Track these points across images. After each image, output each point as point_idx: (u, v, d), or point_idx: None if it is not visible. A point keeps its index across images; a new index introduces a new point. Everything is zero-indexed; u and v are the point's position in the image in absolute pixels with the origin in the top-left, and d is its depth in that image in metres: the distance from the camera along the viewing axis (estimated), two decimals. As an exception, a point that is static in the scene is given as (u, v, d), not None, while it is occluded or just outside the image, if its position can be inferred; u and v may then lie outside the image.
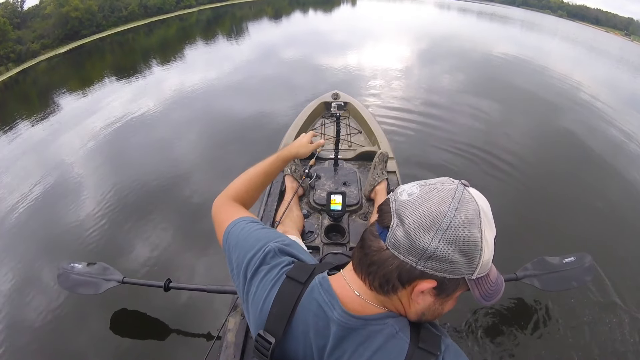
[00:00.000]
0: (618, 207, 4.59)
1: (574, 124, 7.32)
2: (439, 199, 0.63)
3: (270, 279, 0.81)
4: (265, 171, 1.23)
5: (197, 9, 35.23)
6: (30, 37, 24.12)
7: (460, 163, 5.23)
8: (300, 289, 0.77)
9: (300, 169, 3.14)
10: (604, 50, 24.90)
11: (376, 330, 0.70)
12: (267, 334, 0.75)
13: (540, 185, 4.89)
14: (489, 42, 18.07)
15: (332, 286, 0.76)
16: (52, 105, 9.77)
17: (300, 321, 0.75)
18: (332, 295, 0.74)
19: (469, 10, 40.00)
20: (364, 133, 4.14)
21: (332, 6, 35.11)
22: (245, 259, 0.87)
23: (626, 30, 63.13)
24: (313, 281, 0.78)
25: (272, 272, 0.82)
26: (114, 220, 4.26)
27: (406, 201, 0.65)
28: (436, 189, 0.65)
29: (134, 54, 18.26)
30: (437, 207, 0.62)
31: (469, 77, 10.25)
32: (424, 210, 0.62)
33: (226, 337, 2.03)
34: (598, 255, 3.32)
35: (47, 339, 2.97)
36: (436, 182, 0.67)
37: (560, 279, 2.65)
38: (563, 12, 73.40)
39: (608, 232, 4.03)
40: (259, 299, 0.80)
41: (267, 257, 0.85)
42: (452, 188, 0.65)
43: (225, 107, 7.53)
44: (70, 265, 2.78)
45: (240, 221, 0.98)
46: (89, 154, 6.10)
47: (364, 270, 0.71)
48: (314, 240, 2.61)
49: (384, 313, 0.72)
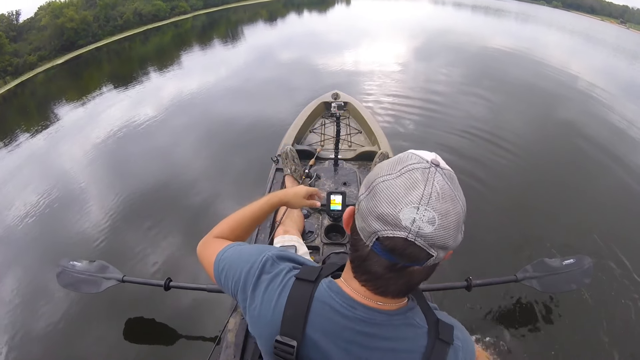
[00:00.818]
0: (618, 206, 4.58)
1: (573, 117, 7.35)
2: (451, 203, 0.61)
3: (276, 287, 0.78)
4: (252, 215, 1.20)
5: (192, 15, 35.24)
6: (26, 49, 24.18)
7: (458, 162, 5.18)
8: (311, 288, 0.76)
9: (300, 169, 3.16)
10: (600, 39, 24.90)
11: (400, 324, 0.72)
12: (286, 338, 0.73)
13: (540, 185, 4.88)
14: (485, 35, 18.01)
15: (342, 288, 0.75)
16: (51, 116, 9.80)
17: (316, 327, 0.73)
18: (345, 297, 0.73)
19: (464, 5, 39.94)
20: (364, 133, 4.15)
21: (326, 6, 35.08)
22: (243, 274, 0.84)
23: (622, 18, 63.07)
24: (320, 285, 0.76)
25: (277, 280, 0.79)
26: (114, 221, 4.31)
27: (437, 231, 0.60)
28: (437, 193, 0.60)
29: (131, 62, 18.27)
30: (457, 210, 0.61)
31: (466, 71, 10.24)
32: (453, 223, 0.61)
33: (226, 338, 2.04)
34: (597, 257, 3.34)
35: (46, 337, 2.98)
36: (421, 182, 0.60)
37: (560, 280, 2.66)
38: (558, 3, 73.18)
39: (608, 234, 3.99)
40: (267, 308, 0.77)
41: (266, 266, 0.83)
42: (444, 185, 0.61)
43: (223, 112, 7.53)
44: (70, 263, 2.76)
45: (229, 247, 0.96)
46: (89, 162, 6.12)
47: (387, 291, 0.71)
48: (314, 240, 2.62)
49: (404, 308, 0.74)
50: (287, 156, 3.16)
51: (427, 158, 0.62)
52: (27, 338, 3.00)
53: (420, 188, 0.59)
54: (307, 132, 4.19)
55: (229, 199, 4.60)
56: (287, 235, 2.26)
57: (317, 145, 3.86)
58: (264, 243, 2.54)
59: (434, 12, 33.60)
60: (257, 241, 2.69)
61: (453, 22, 24.27)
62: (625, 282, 3.36)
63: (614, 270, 3.46)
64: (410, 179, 0.60)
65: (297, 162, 3.18)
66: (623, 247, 3.75)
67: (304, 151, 3.58)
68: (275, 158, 3.53)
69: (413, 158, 0.63)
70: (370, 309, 0.72)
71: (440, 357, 0.70)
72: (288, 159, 3.15)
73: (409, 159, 0.63)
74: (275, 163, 3.51)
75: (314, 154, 3.54)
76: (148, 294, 3.02)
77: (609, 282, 3.33)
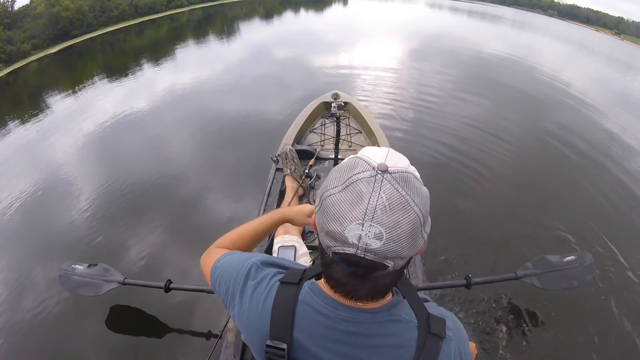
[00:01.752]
0: (618, 205, 4.62)
1: (573, 116, 7.54)
2: (402, 212, 0.58)
3: (261, 292, 0.78)
4: (255, 229, 1.20)
5: (188, 9, 35.05)
6: (20, 37, 23.84)
7: (457, 158, 5.26)
8: (295, 290, 0.76)
9: (300, 169, 3.17)
10: (594, 49, 25.19)
11: (384, 320, 0.72)
12: (276, 342, 0.73)
13: (540, 185, 4.91)
14: (481, 41, 18.18)
15: (323, 290, 0.75)
16: (44, 106, 9.66)
17: (303, 329, 0.73)
18: (327, 298, 0.73)
19: (460, 10, 40.24)
20: (364, 133, 4.17)
21: (323, 6, 35.13)
22: (231, 281, 0.85)
23: (616, 29, 63.79)
24: (303, 288, 0.76)
25: (262, 285, 0.80)
26: (114, 223, 4.21)
27: (386, 245, 0.58)
28: (383, 205, 0.57)
29: (125, 54, 18.11)
30: (410, 218, 0.58)
31: (461, 75, 10.30)
32: (405, 233, 0.58)
33: (226, 337, 2.05)
34: (598, 253, 3.36)
35: (49, 340, 2.95)
36: (365, 195, 0.57)
37: (561, 277, 2.64)
38: (553, 11, 74.11)
39: (609, 230, 4.03)
40: (255, 313, 0.77)
41: (250, 272, 0.83)
42: (392, 194, 0.58)
43: (218, 107, 7.50)
44: (72, 267, 2.78)
45: (223, 256, 0.96)
46: (83, 156, 6.04)
47: (357, 295, 0.70)
48: (314, 240, 2.61)
49: (387, 304, 0.73)
50: (287, 156, 3.17)
51: (374, 163, 0.60)
52: (28, 339, 2.96)
53: (364, 202, 0.57)
54: (307, 132, 4.21)
55: (221, 194, 4.62)
56: (287, 235, 2.26)
57: (317, 145, 3.87)
58: (264, 243, 2.55)
59: (431, 15, 33.87)
60: None
61: (450, 26, 24.46)
62: (627, 278, 3.39)
63: (615, 266, 3.49)
64: (355, 192, 0.58)
65: (297, 162, 3.19)
66: (623, 245, 3.80)
67: (304, 151, 3.59)
68: (275, 158, 3.53)
69: (359, 165, 0.61)
70: (351, 309, 0.71)
71: (434, 352, 0.70)
72: (288, 159, 3.16)
73: (355, 167, 0.61)
74: (275, 163, 3.52)
75: (314, 154, 3.55)
76: (149, 296, 3.01)
77: (610, 278, 3.36)
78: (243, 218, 3.94)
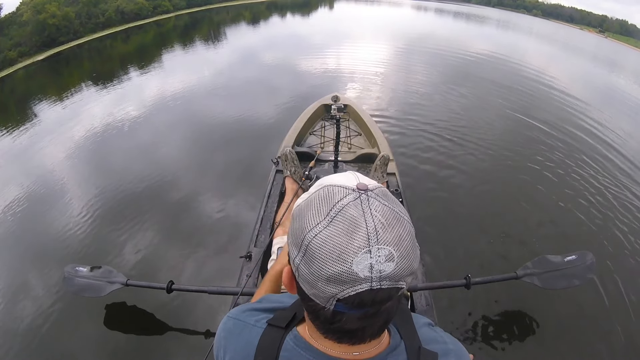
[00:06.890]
0: (618, 204, 4.66)
1: (573, 116, 7.69)
2: (398, 224, 0.54)
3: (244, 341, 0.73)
4: (270, 286, 1.15)
5: (175, 14, 34.85)
6: (7, 44, 23.54)
7: (455, 160, 5.31)
8: (281, 334, 0.70)
9: (300, 171, 3.18)
10: (578, 47, 25.53)
11: None
12: None
13: (540, 185, 4.94)
14: (467, 41, 18.33)
15: (310, 343, 0.66)
16: (31, 113, 9.53)
17: None
18: (316, 352, 0.65)
19: (446, 11, 40.51)
20: (363, 135, 4.20)
21: (309, 9, 35.18)
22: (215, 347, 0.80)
23: (600, 27, 64.54)
24: (286, 341, 0.68)
25: (243, 334, 0.74)
26: (111, 227, 4.20)
27: (399, 263, 0.52)
28: (381, 222, 0.52)
29: (112, 60, 17.91)
30: (406, 226, 0.55)
31: (447, 74, 10.43)
32: (409, 243, 0.54)
33: None
34: (600, 252, 3.39)
35: (51, 341, 2.95)
36: (360, 219, 0.52)
37: (562, 277, 2.64)
38: (538, 11, 74.82)
39: (609, 230, 4.08)
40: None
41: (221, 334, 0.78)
42: (384, 209, 0.54)
43: (207, 111, 7.47)
44: (75, 269, 2.80)
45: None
46: (74, 162, 5.98)
47: (364, 337, 0.62)
48: None
49: (383, 352, 0.66)
50: (286, 158, 3.19)
51: (350, 185, 0.55)
52: (30, 341, 2.96)
53: (362, 227, 0.51)
54: (307, 134, 4.24)
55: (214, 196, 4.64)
56: (287, 235, 2.24)
57: (317, 147, 3.89)
58: (264, 243, 2.58)
59: (417, 17, 34.09)
60: (257, 242, 2.71)
61: (436, 28, 24.69)
62: (628, 277, 3.42)
63: (615, 266, 3.52)
64: (346, 221, 0.52)
65: (297, 164, 3.20)
66: (624, 245, 3.85)
67: (304, 153, 3.60)
68: (275, 160, 3.56)
69: (337, 192, 0.55)
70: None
71: None
72: (288, 160, 3.18)
73: (333, 196, 0.54)
74: (275, 165, 3.53)
75: (314, 155, 3.56)
76: (151, 297, 3.04)
77: (611, 278, 3.38)
78: (242, 218, 4.03)
